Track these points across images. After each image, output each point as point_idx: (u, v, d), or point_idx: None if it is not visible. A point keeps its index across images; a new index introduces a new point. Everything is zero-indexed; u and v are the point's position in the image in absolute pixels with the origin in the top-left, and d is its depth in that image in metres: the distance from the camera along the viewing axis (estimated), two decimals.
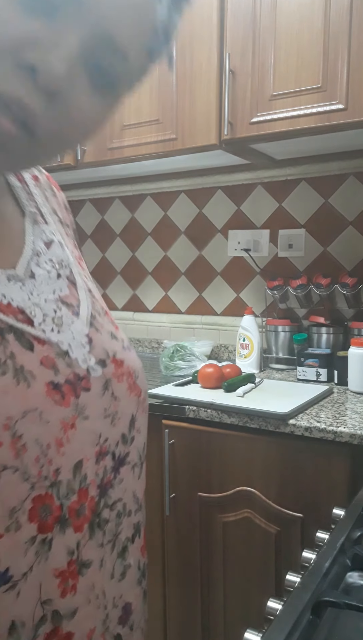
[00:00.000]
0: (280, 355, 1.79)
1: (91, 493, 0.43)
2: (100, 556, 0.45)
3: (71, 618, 0.41)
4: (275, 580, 1.24)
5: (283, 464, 1.21)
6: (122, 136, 1.73)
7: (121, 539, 0.48)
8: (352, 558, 0.57)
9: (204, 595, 1.36)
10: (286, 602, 0.48)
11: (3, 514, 0.36)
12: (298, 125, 1.41)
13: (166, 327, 2.16)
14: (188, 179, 2.05)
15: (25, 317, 0.41)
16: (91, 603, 0.43)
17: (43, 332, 0.41)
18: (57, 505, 0.40)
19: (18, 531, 0.37)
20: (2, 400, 0.36)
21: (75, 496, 0.41)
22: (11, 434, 0.36)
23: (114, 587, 0.47)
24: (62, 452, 0.40)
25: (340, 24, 1.34)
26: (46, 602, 0.39)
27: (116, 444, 0.47)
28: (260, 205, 1.93)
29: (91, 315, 0.48)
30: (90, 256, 2.38)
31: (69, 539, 0.41)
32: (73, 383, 0.42)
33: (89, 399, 0.43)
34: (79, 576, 0.42)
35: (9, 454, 0.36)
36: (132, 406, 0.49)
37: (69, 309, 0.46)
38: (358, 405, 1.32)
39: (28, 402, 0.38)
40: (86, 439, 0.43)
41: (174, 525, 1.38)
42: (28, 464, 0.37)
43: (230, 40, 1.50)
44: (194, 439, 1.32)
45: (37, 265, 0.45)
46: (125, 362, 0.49)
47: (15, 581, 0.37)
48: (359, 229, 1.76)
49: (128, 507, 0.49)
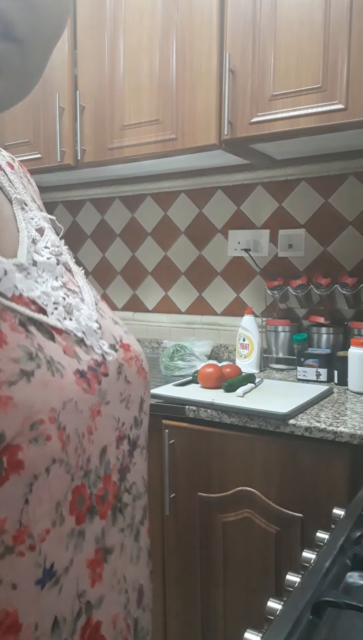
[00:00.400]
0: (280, 355, 1.79)
1: (113, 478, 0.44)
2: (121, 541, 0.45)
3: (99, 607, 0.41)
4: (275, 580, 1.24)
5: (283, 464, 1.21)
6: (122, 136, 1.73)
7: (136, 522, 0.48)
8: (352, 558, 0.57)
9: (204, 595, 1.36)
10: (286, 602, 0.48)
11: (50, 509, 0.36)
12: (298, 125, 1.41)
13: (166, 327, 2.16)
14: (188, 179, 2.05)
15: (37, 307, 0.40)
16: (113, 589, 0.43)
17: (58, 322, 0.41)
18: (88, 494, 0.40)
19: (62, 525, 0.37)
20: (44, 393, 0.35)
21: (101, 483, 0.42)
22: (57, 426, 0.36)
23: (132, 571, 0.47)
24: (92, 440, 0.40)
25: (340, 24, 1.34)
26: (81, 594, 0.39)
27: (130, 427, 0.47)
28: (260, 205, 1.93)
29: (94, 300, 0.48)
30: (90, 256, 2.38)
31: (96, 527, 0.41)
32: (94, 370, 0.42)
33: (108, 384, 0.43)
34: (104, 563, 0.42)
35: (58, 447, 0.36)
36: (141, 389, 0.49)
37: (75, 295, 0.46)
38: (358, 405, 1.32)
39: (65, 392, 0.37)
40: (109, 424, 0.43)
41: (174, 525, 1.38)
42: (70, 455, 0.37)
43: (230, 40, 1.50)
44: (194, 439, 1.32)
45: (36, 253, 0.44)
46: (131, 346, 0.49)
47: (58, 576, 0.37)
48: (359, 229, 1.76)
49: (139, 490, 0.49)
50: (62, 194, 2.39)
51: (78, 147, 1.80)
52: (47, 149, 1.87)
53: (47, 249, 0.45)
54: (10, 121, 1.95)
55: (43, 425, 0.34)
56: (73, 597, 0.38)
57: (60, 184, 2.31)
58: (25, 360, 0.35)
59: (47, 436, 0.35)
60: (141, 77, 1.67)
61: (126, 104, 1.71)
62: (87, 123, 1.79)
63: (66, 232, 2.49)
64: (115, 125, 1.74)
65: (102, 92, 1.76)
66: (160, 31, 1.62)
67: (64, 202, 2.42)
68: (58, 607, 0.37)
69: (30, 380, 0.35)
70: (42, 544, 0.35)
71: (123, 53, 1.70)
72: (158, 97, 1.64)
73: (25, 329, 0.37)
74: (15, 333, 0.36)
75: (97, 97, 1.77)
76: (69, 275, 0.48)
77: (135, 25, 1.67)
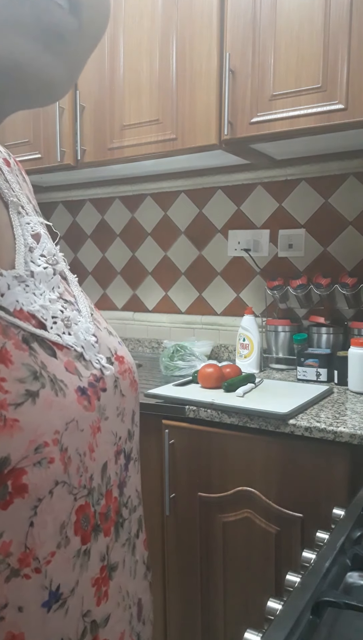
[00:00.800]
0: (280, 355, 1.79)
1: (114, 494, 0.43)
2: (123, 557, 0.44)
3: (105, 625, 0.41)
4: (275, 580, 1.24)
5: (283, 464, 1.21)
6: (122, 136, 1.73)
7: (132, 536, 0.48)
8: (352, 558, 0.57)
9: (204, 595, 1.36)
10: (286, 602, 0.48)
11: (55, 531, 0.35)
12: (298, 125, 1.41)
13: (166, 327, 2.16)
14: (188, 179, 2.05)
15: (37, 322, 0.39)
16: (119, 606, 0.43)
17: (58, 337, 0.39)
18: (92, 513, 0.39)
19: (68, 546, 0.36)
20: (48, 415, 0.35)
21: (103, 500, 0.41)
22: (60, 448, 0.35)
23: (132, 585, 0.47)
24: (93, 458, 0.40)
25: (340, 24, 1.34)
26: (86, 614, 0.38)
27: (125, 441, 0.46)
28: (260, 205, 1.93)
29: (90, 311, 0.47)
30: (90, 256, 2.38)
31: (101, 544, 0.40)
32: (94, 385, 0.41)
33: (107, 399, 0.42)
34: (110, 581, 0.42)
35: (60, 469, 0.35)
36: (133, 402, 0.48)
37: (71, 307, 0.44)
38: (358, 405, 1.32)
39: (67, 412, 0.37)
40: (108, 439, 0.42)
41: (174, 525, 1.38)
42: (72, 476, 0.37)
43: (230, 40, 1.50)
44: (194, 439, 1.32)
45: (33, 262, 0.42)
46: (125, 357, 0.48)
47: (65, 598, 0.36)
48: (359, 229, 1.76)
49: (134, 502, 0.48)
50: (62, 194, 2.39)
51: (78, 147, 1.80)
52: (47, 149, 1.87)
53: (43, 258, 0.44)
54: (10, 121, 1.94)
55: (47, 448, 0.34)
56: (78, 618, 0.38)
57: (60, 184, 2.31)
58: (31, 380, 0.34)
59: (50, 459, 0.34)
60: (141, 77, 1.67)
61: (126, 104, 1.71)
62: (87, 123, 1.79)
63: (66, 232, 2.50)
64: (115, 125, 1.74)
65: (102, 92, 1.76)
66: (160, 31, 1.62)
67: (64, 202, 2.42)
68: (64, 629, 0.36)
69: (35, 401, 0.34)
70: (47, 566, 0.35)
71: (123, 53, 1.70)
72: (158, 97, 1.64)
73: (28, 346, 0.36)
74: (20, 351, 0.35)
75: (97, 97, 1.77)
76: (65, 284, 0.46)
77: (135, 26, 1.67)
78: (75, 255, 2.42)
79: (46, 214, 2.47)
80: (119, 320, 2.25)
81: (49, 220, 2.46)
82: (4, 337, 0.34)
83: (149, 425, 1.35)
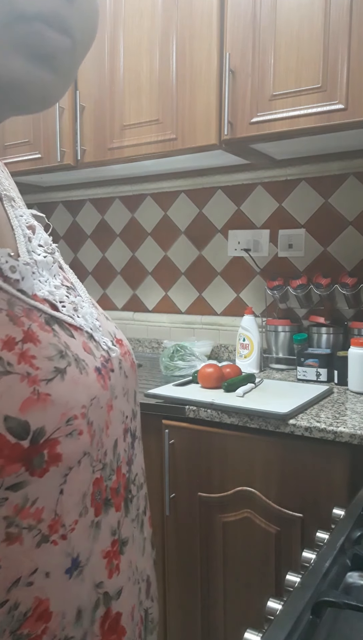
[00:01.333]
0: (280, 355, 1.79)
1: (123, 470, 0.45)
2: (132, 532, 0.46)
3: (118, 598, 0.42)
4: (275, 580, 1.24)
5: (283, 464, 1.21)
6: (122, 136, 1.73)
7: (140, 513, 0.49)
8: (352, 558, 0.57)
9: (204, 595, 1.36)
10: (286, 602, 0.48)
11: (79, 500, 0.37)
12: (298, 125, 1.41)
13: (166, 327, 2.16)
14: (188, 179, 2.05)
15: (51, 305, 0.40)
16: (130, 580, 0.44)
17: (71, 319, 0.41)
18: (105, 487, 0.41)
19: (86, 515, 0.38)
20: (75, 391, 0.37)
21: (114, 475, 0.43)
22: (87, 422, 0.37)
23: (141, 561, 0.48)
24: (108, 434, 0.42)
25: (340, 24, 1.34)
26: (98, 585, 0.40)
27: (131, 420, 0.48)
28: (260, 205, 1.93)
29: (89, 298, 0.49)
30: (90, 256, 2.38)
31: (112, 518, 0.42)
32: (105, 366, 0.43)
33: (115, 379, 0.44)
34: (121, 555, 0.43)
35: (87, 440, 0.37)
36: (134, 382, 0.50)
37: (73, 292, 0.46)
38: (358, 405, 1.32)
39: (90, 390, 0.39)
40: (118, 418, 0.44)
41: (174, 525, 1.38)
42: (94, 449, 0.39)
43: (230, 40, 1.50)
44: (194, 439, 1.32)
45: (33, 251, 0.44)
46: (123, 340, 0.50)
47: (82, 566, 0.38)
48: (359, 229, 1.76)
49: (140, 480, 0.50)
50: (62, 194, 2.39)
51: (78, 147, 1.80)
52: (47, 149, 1.87)
53: (41, 247, 0.45)
54: (10, 121, 1.94)
55: (76, 420, 0.36)
56: (91, 588, 0.39)
57: (60, 184, 2.31)
58: (58, 358, 0.37)
59: (79, 431, 0.36)
60: (141, 77, 1.67)
61: (126, 104, 1.71)
62: (87, 123, 1.79)
63: (66, 232, 2.50)
64: (115, 125, 1.74)
65: (102, 92, 1.76)
66: (160, 31, 1.62)
67: (64, 202, 2.42)
68: (81, 597, 0.38)
69: (63, 378, 0.36)
70: (72, 533, 0.37)
71: (123, 53, 1.70)
72: (158, 97, 1.64)
73: (50, 327, 0.38)
74: (44, 332, 0.37)
75: (97, 97, 1.77)
76: (62, 273, 0.48)
77: (135, 25, 1.67)
78: (75, 255, 2.42)
79: (46, 214, 2.47)
80: (119, 320, 2.25)
81: (50, 220, 2.46)
82: (28, 319, 0.36)
83: (149, 425, 1.35)
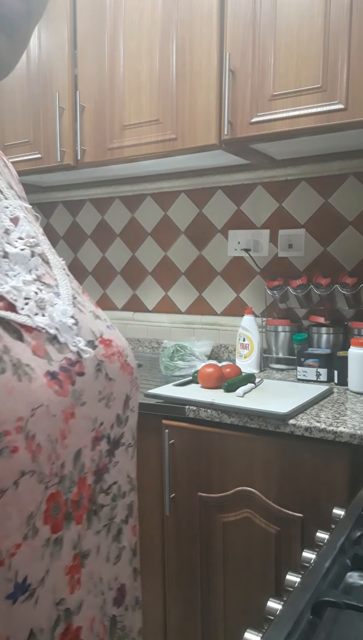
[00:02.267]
0: (280, 355, 1.79)
1: (88, 481, 0.42)
2: (97, 543, 0.44)
3: (78, 612, 0.40)
4: (275, 580, 1.24)
5: (283, 464, 1.21)
6: (122, 136, 1.73)
7: (116, 522, 0.47)
8: (352, 558, 0.57)
9: (204, 595, 1.36)
10: (286, 602, 0.48)
11: (21, 523, 0.34)
12: (298, 125, 1.41)
13: (166, 327, 2.16)
14: (188, 179, 2.05)
15: (6, 303, 0.38)
16: (90, 592, 0.43)
17: (28, 318, 0.39)
18: (64, 501, 0.39)
19: (35, 537, 0.35)
20: (9, 401, 0.33)
21: (75, 487, 0.40)
22: (25, 436, 0.34)
23: (110, 571, 0.46)
24: (65, 445, 0.39)
25: (340, 24, 1.34)
26: (59, 602, 0.38)
27: (110, 426, 0.45)
28: (260, 205, 1.93)
29: (72, 294, 0.46)
30: (90, 256, 2.38)
31: (73, 532, 0.40)
32: (68, 370, 0.40)
33: (84, 383, 0.41)
34: (82, 568, 0.41)
35: (27, 458, 0.34)
36: (126, 386, 0.47)
37: (49, 289, 0.44)
38: (358, 405, 1.32)
39: (34, 398, 0.35)
40: (84, 425, 0.41)
41: (174, 525, 1.38)
42: (42, 464, 0.36)
43: (230, 40, 1.50)
44: (194, 439, 1.32)
45: (9, 244, 0.42)
46: (113, 341, 0.47)
47: (33, 589, 0.35)
48: (359, 229, 1.76)
49: (122, 489, 0.48)
50: (62, 194, 2.39)
51: (78, 147, 1.80)
52: (47, 149, 1.87)
53: (21, 240, 0.44)
54: (10, 121, 1.95)
55: (8, 436, 0.32)
56: (50, 607, 0.37)
57: (60, 184, 2.31)
58: None
59: (13, 448, 0.33)
60: (141, 78, 1.67)
61: (126, 104, 1.71)
62: (87, 123, 1.79)
63: (66, 232, 2.50)
64: (115, 126, 1.74)
65: (102, 92, 1.76)
66: (160, 31, 1.62)
67: (64, 202, 2.42)
68: (34, 619, 0.36)
69: None
70: (12, 558, 0.34)
71: (123, 53, 1.70)
72: (158, 97, 1.64)
73: None
74: None
75: (97, 97, 1.77)
76: (46, 267, 0.46)
77: (135, 26, 1.67)
78: (75, 255, 2.42)
79: (46, 214, 2.48)
80: (119, 320, 2.25)
81: (50, 221, 2.46)
82: None
83: (149, 425, 1.35)
